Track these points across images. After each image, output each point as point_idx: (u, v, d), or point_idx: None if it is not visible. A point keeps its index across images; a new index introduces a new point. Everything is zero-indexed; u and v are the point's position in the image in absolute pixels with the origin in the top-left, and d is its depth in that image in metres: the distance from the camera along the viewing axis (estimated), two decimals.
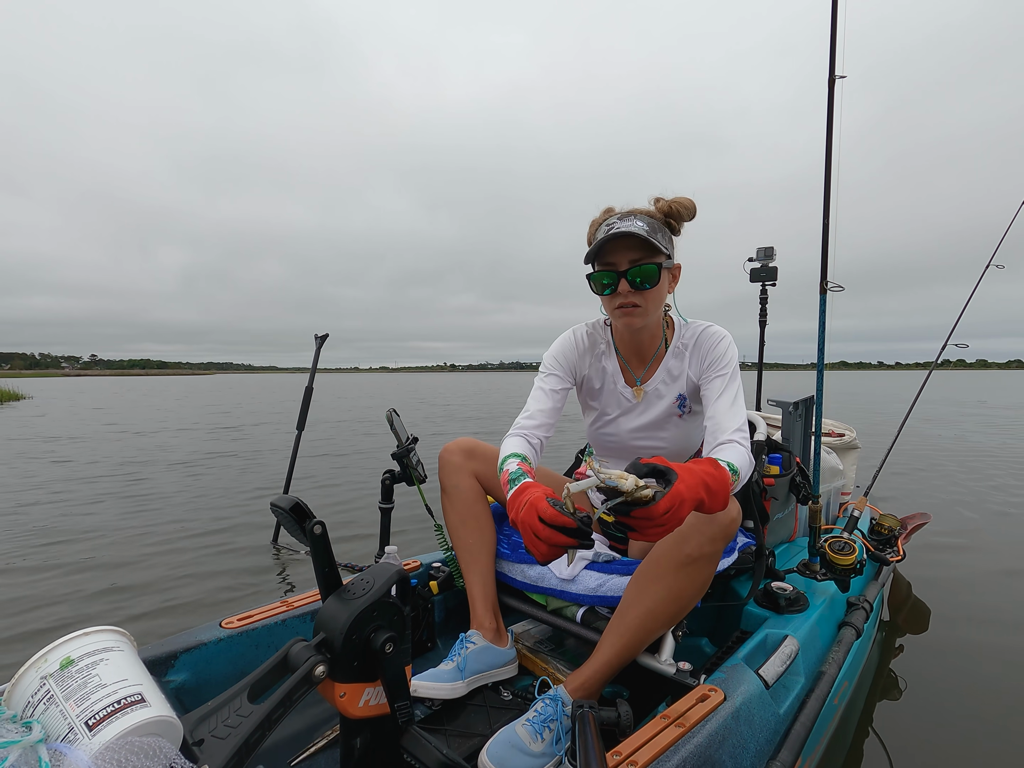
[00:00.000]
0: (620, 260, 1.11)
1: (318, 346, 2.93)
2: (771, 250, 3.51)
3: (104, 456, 6.21)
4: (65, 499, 4.13)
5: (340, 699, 0.73)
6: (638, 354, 1.28)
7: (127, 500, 4.09)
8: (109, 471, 5.28)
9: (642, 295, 1.12)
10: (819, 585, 1.37)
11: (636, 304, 1.12)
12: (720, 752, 0.82)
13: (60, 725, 0.57)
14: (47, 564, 2.72)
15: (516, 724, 0.93)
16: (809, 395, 1.87)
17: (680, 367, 1.25)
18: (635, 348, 1.27)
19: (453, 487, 1.30)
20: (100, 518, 3.61)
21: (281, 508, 0.75)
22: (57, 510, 3.80)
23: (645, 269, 1.10)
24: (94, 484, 4.66)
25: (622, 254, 1.11)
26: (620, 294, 1.12)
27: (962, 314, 2.48)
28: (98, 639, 0.66)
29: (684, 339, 1.25)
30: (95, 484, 4.66)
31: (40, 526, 3.40)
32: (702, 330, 1.24)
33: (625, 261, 1.11)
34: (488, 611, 1.23)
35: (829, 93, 1.30)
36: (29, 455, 6.31)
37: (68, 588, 2.42)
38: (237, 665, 1.10)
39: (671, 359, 1.25)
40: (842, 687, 1.20)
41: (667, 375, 1.26)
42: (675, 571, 0.98)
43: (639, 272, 1.10)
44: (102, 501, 4.05)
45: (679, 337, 1.26)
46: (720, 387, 1.14)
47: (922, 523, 2.19)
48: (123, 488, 4.50)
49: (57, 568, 2.66)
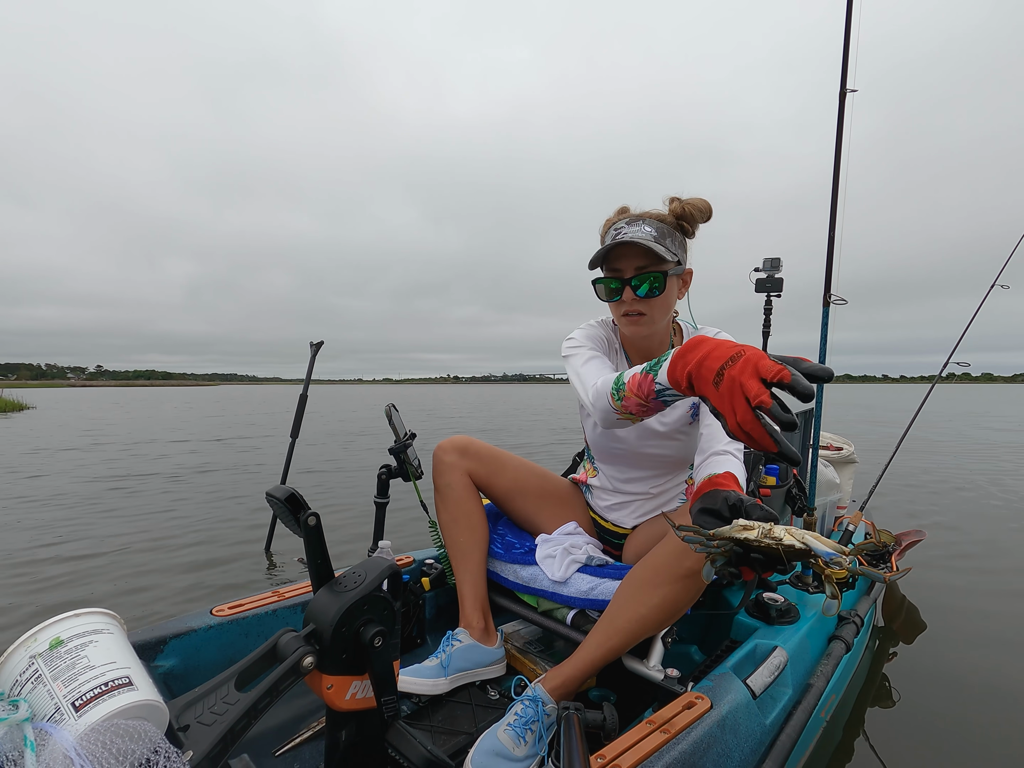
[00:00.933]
0: (626, 267, 1.09)
1: (313, 353, 2.92)
2: (778, 261, 3.50)
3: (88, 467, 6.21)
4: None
5: (327, 691, 0.73)
6: (646, 360, 1.27)
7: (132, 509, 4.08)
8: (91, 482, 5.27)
9: (648, 303, 1.10)
10: (811, 597, 1.37)
11: (642, 312, 1.11)
12: (704, 760, 0.82)
13: (47, 705, 0.57)
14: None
15: (498, 730, 0.93)
16: (808, 408, 1.87)
17: None
18: (644, 353, 1.25)
19: (446, 486, 1.29)
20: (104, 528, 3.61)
21: (276, 498, 0.75)
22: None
23: (650, 277, 1.08)
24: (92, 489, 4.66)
25: (628, 260, 1.09)
26: (625, 302, 1.11)
27: (964, 335, 2.48)
28: (88, 621, 0.66)
29: None
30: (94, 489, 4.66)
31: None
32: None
33: (631, 268, 1.09)
34: (477, 610, 1.23)
35: (840, 106, 1.30)
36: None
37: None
38: (226, 653, 1.10)
39: None
40: (829, 700, 1.20)
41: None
42: (672, 582, 0.98)
43: (644, 280, 1.08)
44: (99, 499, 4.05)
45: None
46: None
47: (917, 540, 2.19)
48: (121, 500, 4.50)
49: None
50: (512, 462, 1.36)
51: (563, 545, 1.25)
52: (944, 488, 4.81)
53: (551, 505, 1.38)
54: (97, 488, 4.49)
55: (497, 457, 1.34)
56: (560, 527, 1.34)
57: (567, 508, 1.39)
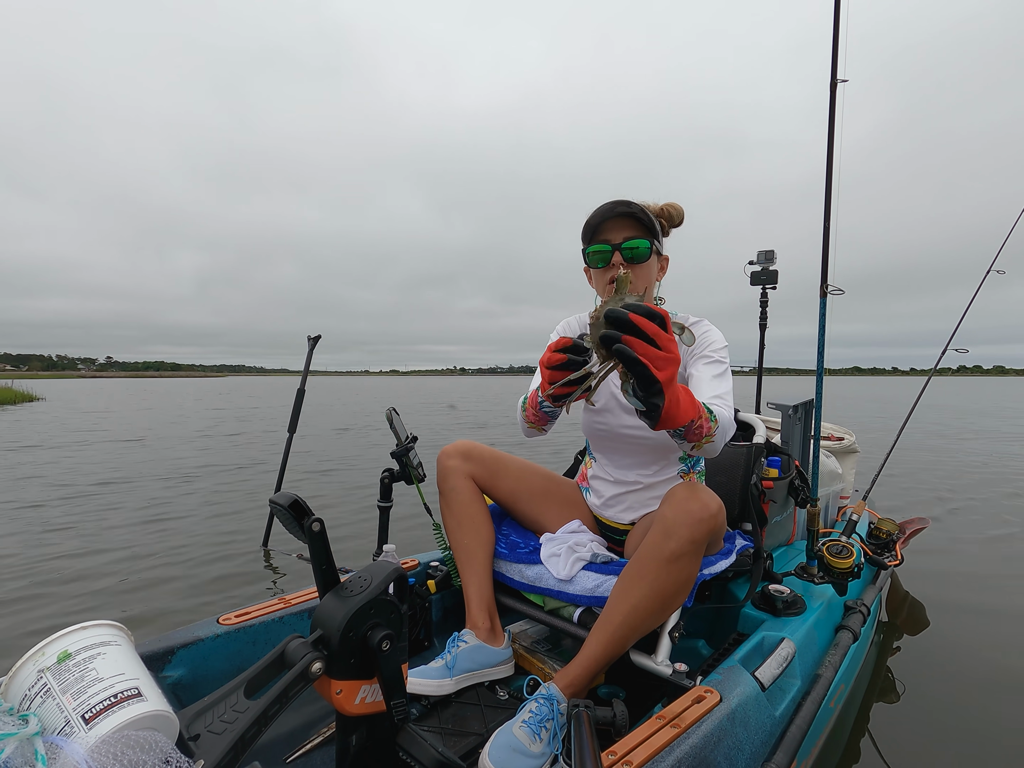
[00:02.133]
0: (615, 235, 1.18)
1: (311, 347, 2.92)
2: (772, 253, 3.50)
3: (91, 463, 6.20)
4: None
5: (336, 696, 0.73)
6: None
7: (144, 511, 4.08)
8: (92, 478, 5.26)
9: (633, 270, 1.17)
10: (816, 588, 1.37)
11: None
12: (715, 753, 0.82)
13: (57, 718, 0.57)
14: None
15: (514, 726, 0.93)
16: (809, 399, 1.87)
17: None
18: None
19: (450, 489, 1.30)
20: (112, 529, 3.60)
21: (280, 505, 0.75)
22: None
23: (639, 243, 1.16)
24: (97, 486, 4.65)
25: (617, 231, 1.18)
26: (613, 266, 1.18)
27: (961, 321, 2.48)
28: (96, 633, 0.66)
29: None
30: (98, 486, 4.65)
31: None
32: (690, 324, 1.25)
33: (620, 236, 1.17)
34: (483, 611, 1.23)
35: (831, 96, 1.30)
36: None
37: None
38: (234, 661, 1.10)
39: None
40: (838, 690, 1.20)
41: None
42: (659, 568, 0.99)
43: (633, 245, 1.16)
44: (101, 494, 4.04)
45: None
46: (704, 367, 1.16)
47: (920, 527, 2.19)
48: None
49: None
50: (515, 464, 1.38)
51: (568, 543, 1.25)
52: (951, 476, 4.82)
53: (555, 505, 1.39)
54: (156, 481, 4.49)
55: (500, 460, 1.36)
56: (564, 525, 1.34)
57: (571, 507, 1.39)
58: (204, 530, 3.28)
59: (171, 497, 4.14)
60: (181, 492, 4.31)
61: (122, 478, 4.83)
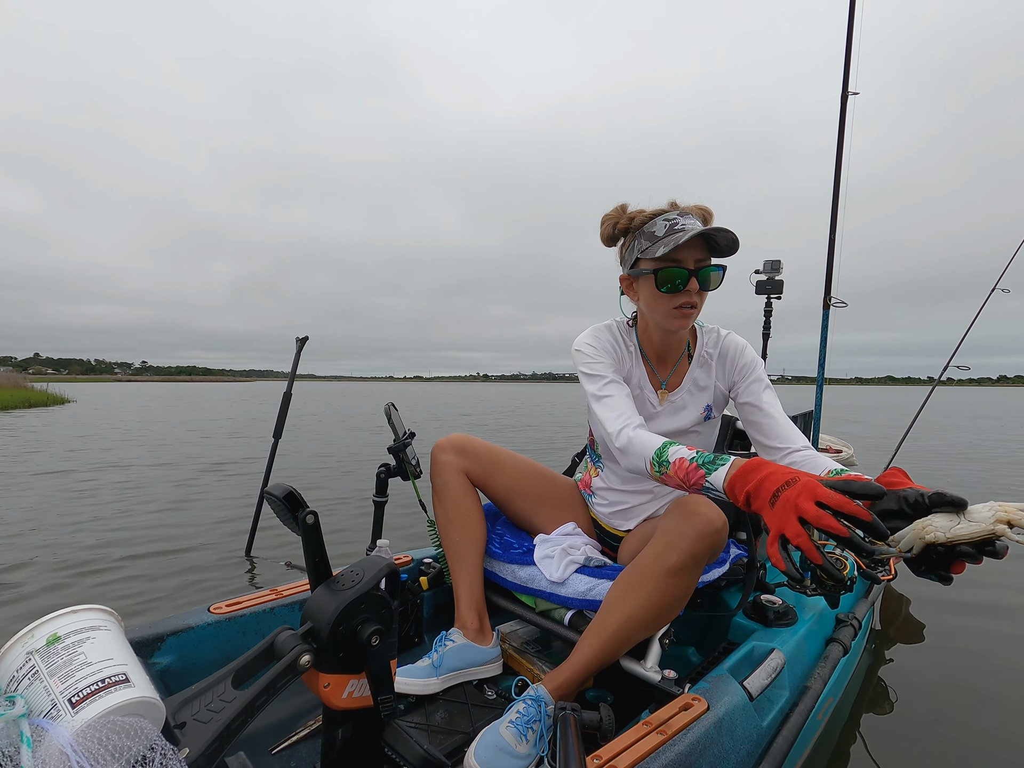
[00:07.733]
0: (686, 258, 1.08)
1: (298, 349, 2.79)
2: (778, 263, 3.50)
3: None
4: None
5: (324, 689, 0.73)
6: (664, 358, 1.26)
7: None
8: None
9: (701, 296, 1.12)
10: (808, 600, 1.37)
11: (694, 305, 1.11)
12: (700, 761, 0.82)
13: (43, 701, 0.57)
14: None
15: (500, 726, 0.93)
16: (808, 409, 1.87)
17: (707, 379, 1.24)
18: (664, 352, 1.24)
19: (442, 485, 1.29)
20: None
21: (275, 496, 0.75)
22: None
23: (716, 269, 1.09)
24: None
25: (689, 252, 1.07)
26: (686, 293, 1.09)
27: (965, 336, 2.48)
28: (86, 617, 0.66)
29: (707, 347, 1.25)
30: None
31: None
32: (722, 338, 1.24)
33: (691, 260, 1.08)
34: (472, 610, 1.23)
35: (841, 109, 1.30)
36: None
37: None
38: (223, 651, 1.10)
39: (697, 369, 1.25)
40: (827, 703, 1.20)
41: (694, 385, 1.25)
42: (658, 580, 0.98)
43: (709, 273, 1.09)
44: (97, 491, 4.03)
45: (702, 345, 1.25)
46: (761, 392, 1.16)
47: None
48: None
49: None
50: (511, 461, 1.36)
51: (561, 546, 1.25)
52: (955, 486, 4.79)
53: (550, 505, 1.37)
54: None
55: (495, 456, 1.33)
56: (559, 527, 1.34)
57: (566, 508, 1.39)
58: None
59: (171, 507, 4.13)
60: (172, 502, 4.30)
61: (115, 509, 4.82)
